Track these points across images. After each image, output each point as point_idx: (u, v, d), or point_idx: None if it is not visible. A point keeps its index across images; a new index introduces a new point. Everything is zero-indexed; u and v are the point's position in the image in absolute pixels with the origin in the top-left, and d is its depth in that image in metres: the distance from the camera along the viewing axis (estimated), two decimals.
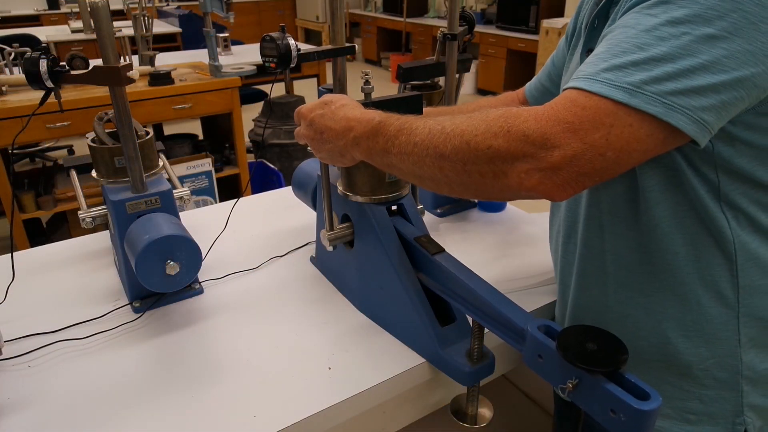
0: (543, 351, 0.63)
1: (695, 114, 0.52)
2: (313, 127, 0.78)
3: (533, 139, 0.54)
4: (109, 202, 0.94)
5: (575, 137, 0.53)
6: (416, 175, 0.67)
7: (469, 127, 0.59)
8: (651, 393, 0.55)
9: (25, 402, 0.77)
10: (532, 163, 0.55)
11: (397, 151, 0.66)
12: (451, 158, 0.60)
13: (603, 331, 0.62)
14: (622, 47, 0.55)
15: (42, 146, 4.11)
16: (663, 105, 0.52)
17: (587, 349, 0.59)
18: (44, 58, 0.84)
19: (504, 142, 0.56)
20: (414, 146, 0.64)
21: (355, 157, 0.74)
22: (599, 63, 0.56)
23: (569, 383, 0.59)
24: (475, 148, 0.58)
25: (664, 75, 0.52)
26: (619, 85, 0.53)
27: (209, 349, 0.88)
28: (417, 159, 0.64)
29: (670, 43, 0.53)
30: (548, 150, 0.54)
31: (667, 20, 0.53)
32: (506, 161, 0.56)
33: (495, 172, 0.57)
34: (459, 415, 0.79)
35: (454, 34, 1.22)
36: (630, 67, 0.53)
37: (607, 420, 0.57)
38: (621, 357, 0.58)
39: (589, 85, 0.54)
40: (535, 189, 0.56)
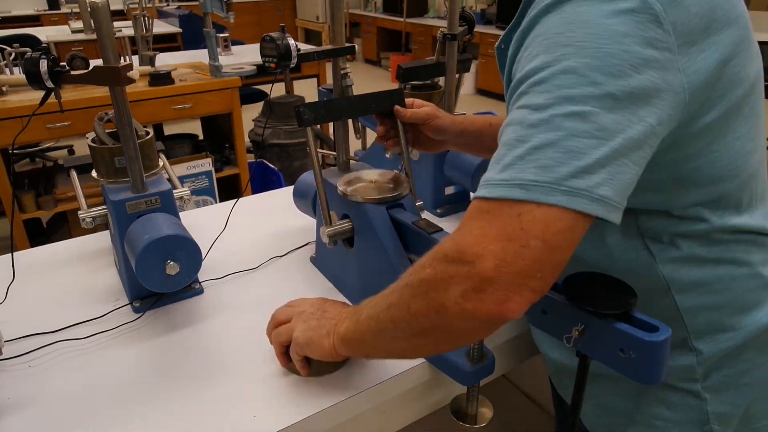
0: (547, 305, 0.62)
1: (592, 193, 0.51)
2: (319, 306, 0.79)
3: (452, 258, 0.53)
4: (109, 202, 0.94)
5: (489, 240, 0.51)
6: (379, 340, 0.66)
7: (411, 269, 0.60)
8: (659, 325, 0.55)
9: (25, 402, 0.77)
10: (461, 283, 0.52)
11: (364, 317, 0.67)
12: (397, 304, 0.60)
13: (607, 276, 0.61)
14: (507, 146, 0.55)
15: (42, 146, 4.11)
16: (562, 193, 0.51)
17: (594, 294, 0.59)
18: (44, 58, 0.84)
19: (429, 271, 0.55)
20: (373, 307, 0.65)
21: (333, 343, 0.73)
22: (493, 166, 0.56)
23: (575, 330, 0.59)
24: (411, 285, 0.58)
25: (550, 161, 0.51)
26: (513, 183, 0.52)
27: (209, 349, 0.88)
28: (375, 319, 0.64)
29: (543, 128, 0.53)
30: (470, 263, 0.52)
31: (533, 108, 0.54)
32: (438, 290, 0.54)
33: (435, 308, 0.55)
34: (459, 415, 0.79)
35: (454, 34, 1.22)
36: (517, 162, 0.53)
37: (616, 361, 0.56)
38: (630, 299, 0.57)
39: (487, 192, 0.54)
40: (480, 312, 0.52)
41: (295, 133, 3.25)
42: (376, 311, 0.64)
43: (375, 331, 0.64)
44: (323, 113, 0.91)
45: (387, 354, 0.71)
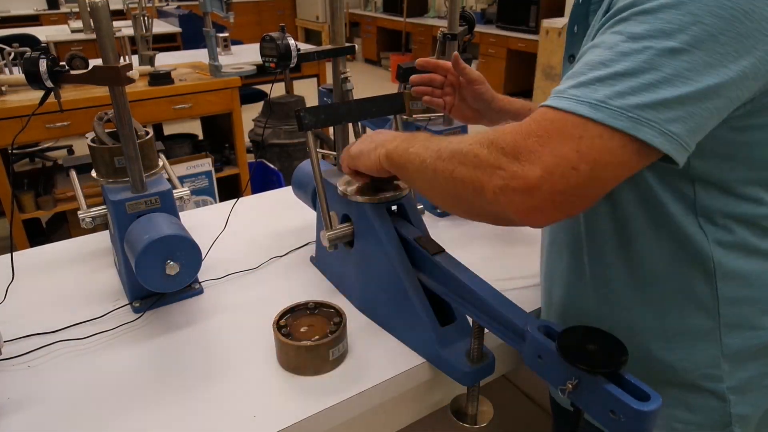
0: (543, 351, 0.63)
1: (662, 126, 0.52)
2: (381, 134, 0.83)
3: (507, 151, 0.56)
4: (109, 202, 0.94)
5: (545, 149, 0.53)
6: (417, 178, 0.71)
7: (469, 137, 0.62)
8: (651, 394, 0.55)
9: (25, 402, 0.77)
10: (505, 178, 0.55)
11: (413, 150, 0.70)
12: (446, 161, 0.63)
13: (603, 332, 0.62)
14: (589, 65, 0.56)
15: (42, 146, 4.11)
16: (629, 119, 0.52)
17: (587, 350, 0.59)
18: (44, 58, 0.84)
19: (486, 151, 0.58)
20: (425, 149, 0.68)
21: (379, 157, 0.78)
22: (567, 80, 0.57)
23: (569, 384, 0.59)
24: (465, 154, 0.60)
25: (627, 89, 0.52)
26: (583, 100, 0.53)
27: (209, 349, 0.88)
28: (421, 160, 0.68)
29: (632, 58, 0.53)
30: (520, 164, 0.54)
31: (629, 36, 0.54)
32: (485, 172, 0.57)
33: (474, 185, 0.59)
34: (459, 415, 0.79)
35: (454, 34, 1.22)
36: (595, 83, 0.54)
37: (607, 421, 0.57)
38: (621, 358, 0.58)
39: (556, 102, 0.55)
40: (509, 209, 0.56)
41: (295, 133, 3.24)
42: (424, 153, 0.68)
43: (417, 167, 0.69)
44: (323, 117, 0.92)
45: (417, 189, 0.75)
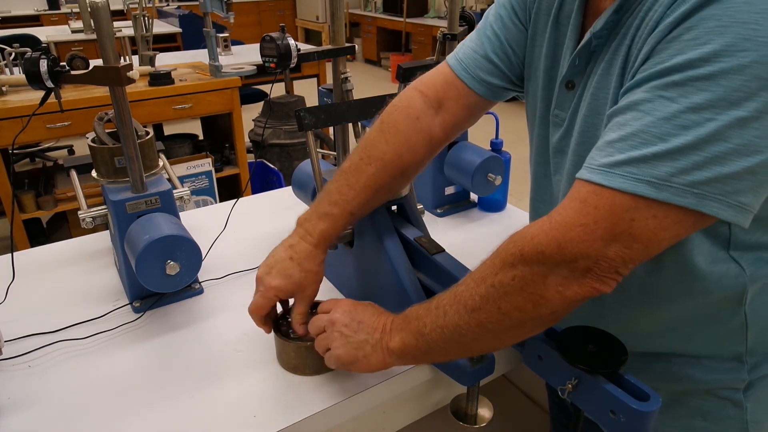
0: (543, 352, 0.63)
1: (732, 199, 0.49)
2: (351, 315, 0.72)
3: (550, 255, 0.53)
4: (109, 202, 0.94)
5: (594, 237, 0.51)
6: (459, 346, 0.64)
7: (488, 270, 0.58)
8: (651, 394, 0.55)
9: (25, 402, 0.77)
10: (563, 275, 0.53)
11: (430, 329, 0.63)
12: (484, 307, 0.58)
13: (603, 332, 0.62)
14: (641, 138, 0.51)
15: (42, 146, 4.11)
16: (694, 195, 0.49)
17: (587, 350, 0.59)
18: (44, 58, 0.84)
19: (525, 267, 0.54)
20: (445, 317, 0.62)
21: (385, 358, 0.69)
22: (614, 154, 0.52)
23: (569, 384, 0.59)
24: (502, 286, 0.56)
25: (691, 165, 0.49)
26: (642, 178, 0.50)
27: (209, 349, 0.88)
28: (453, 327, 0.61)
29: (695, 132, 0.49)
30: (572, 261, 0.52)
31: (687, 107, 0.49)
32: (536, 283, 0.54)
33: (533, 301, 0.55)
34: (459, 415, 0.79)
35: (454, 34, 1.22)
36: (653, 159, 0.50)
37: (607, 421, 0.57)
38: (621, 358, 0.58)
39: (607, 180, 0.51)
40: (578, 296, 0.54)
41: (295, 133, 3.24)
42: (449, 321, 0.61)
43: (452, 339, 0.62)
44: (323, 117, 0.92)
45: (461, 354, 0.69)
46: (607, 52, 0.62)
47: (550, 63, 0.73)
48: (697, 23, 0.49)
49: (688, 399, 0.72)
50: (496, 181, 1.21)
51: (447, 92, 0.82)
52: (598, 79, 0.64)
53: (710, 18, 0.49)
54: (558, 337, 0.62)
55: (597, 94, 0.64)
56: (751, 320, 0.67)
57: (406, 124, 0.81)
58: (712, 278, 0.64)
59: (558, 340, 0.61)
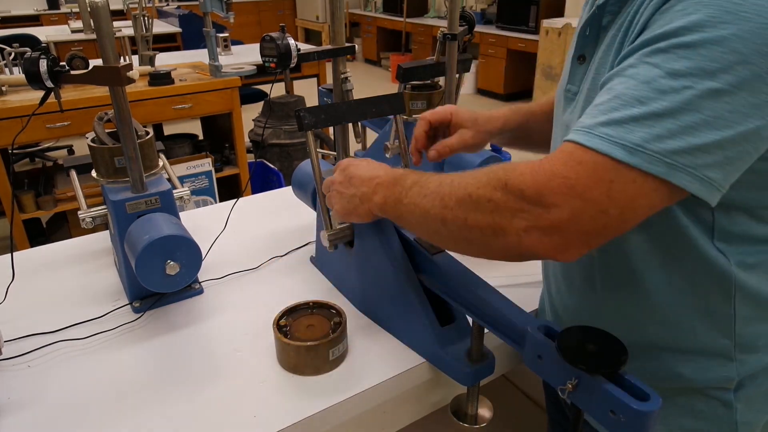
0: (543, 351, 0.63)
1: (699, 172, 0.50)
2: (345, 172, 0.79)
3: (529, 195, 0.53)
4: (109, 202, 0.94)
5: (573, 193, 0.51)
6: (422, 228, 0.67)
7: (473, 180, 0.59)
8: (651, 394, 0.55)
9: (25, 402, 0.77)
10: (530, 220, 0.54)
11: (408, 201, 0.66)
12: (454, 210, 0.60)
13: (603, 332, 0.61)
14: (622, 100, 0.52)
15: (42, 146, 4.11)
16: (665, 164, 0.50)
17: (587, 350, 0.59)
18: (44, 58, 0.84)
19: (502, 196, 0.55)
20: (423, 197, 0.64)
21: (371, 209, 0.75)
22: (597, 115, 0.53)
23: (569, 384, 0.59)
24: (477, 200, 0.57)
25: (665, 132, 0.50)
26: (618, 141, 0.51)
27: (209, 349, 0.88)
28: (423, 211, 0.64)
29: (671, 98, 0.50)
30: (546, 208, 0.52)
31: (667, 72, 0.50)
32: (504, 216, 0.55)
33: (494, 229, 0.56)
34: (459, 415, 0.79)
35: (454, 34, 1.22)
36: (630, 122, 0.51)
37: (607, 421, 0.57)
38: (621, 357, 0.58)
39: (587, 140, 0.52)
40: (536, 249, 0.55)
41: (295, 133, 3.24)
42: (423, 203, 0.64)
43: (418, 219, 0.66)
44: (323, 117, 0.92)
45: (420, 235, 0.74)
46: (614, 27, 0.63)
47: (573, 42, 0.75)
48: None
49: (678, 398, 0.72)
50: None
51: None
52: (601, 55, 0.65)
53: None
54: (558, 337, 0.62)
55: (599, 69, 0.65)
56: (739, 312, 0.67)
57: None
58: (697, 269, 0.65)
59: (558, 340, 0.61)
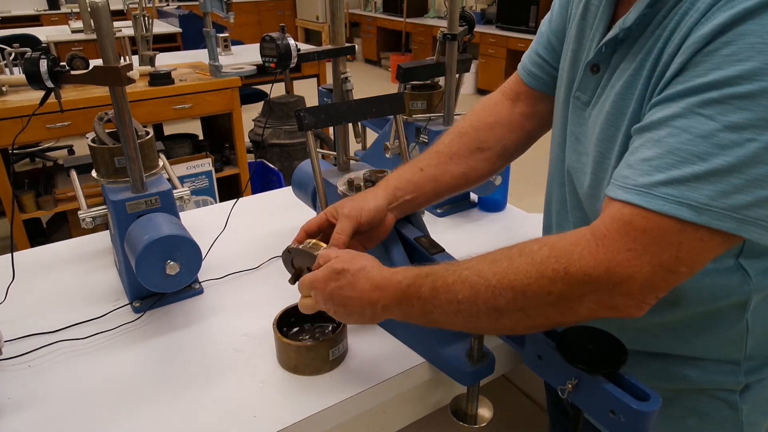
0: (543, 351, 0.63)
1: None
2: (333, 301, 0.68)
3: (597, 277, 0.51)
4: (109, 202, 0.94)
5: (642, 261, 0.50)
6: (469, 328, 0.64)
7: (518, 276, 0.55)
8: (651, 394, 0.55)
9: (25, 402, 0.77)
10: (601, 298, 0.52)
11: (441, 311, 0.61)
12: (510, 310, 0.57)
13: (603, 332, 0.62)
14: (679, 156, 0.50)
15: (42, 146, 4.11)
16: (735, 220, 0.49)
17: (587, 350, 0.59)
18: (44, 58, 0.84)
19: (565, 286, 0.53)
20: (459, 304, 0.59)
21: (379, 319, 0.68)
22: (652, 173, 0.51)
23: (569, 384, 0.59)
24: (534, 298, 0.54)
25: (732, 188, 0.48)
26: (683, 201, 0.49)
27: (209, 349, 0.88)
28: (468, 316, 0.60)
29: (734, 153, 0.48)
30: (616, 284, 0.51)
31: (726, 125, 0.48)
32: (572, 301, 0.53)
33: (562, 312, 0.55)
34: (459, 415, 0.79)
35: (454, 34, 1.22)
36: (692, 180, 0.49)
37: (607, 421, 0.57)
38: (621, 357, 0.58)
39: (647, 202, 0.50)
40: (609, 315, 0.54)
41: (295, 133, 3.24)
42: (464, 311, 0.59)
43: (462, 324, 0.61)
44: (323, 117, 0.92)
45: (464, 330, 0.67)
46: (637, 48, 0.60)
47: (576, 45, 0.73)
48: (736, 38, 0.48)
49: (683, 398, 0.72)
50: (496, 181, 1.21)
51: (519, 88, 0.89)
52: (627, 79, 0.62)
53: (750, 33, 0.47)
54: (558, 337, 0.62)
55: (624, 93, 0.62)
56: (753, 327, 0.67)
57: (482, 108, 0.91)
58: (717, 285, 0.64)
59: (558, 340, 0.61)
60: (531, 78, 0.86)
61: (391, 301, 0.64)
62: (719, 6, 0.50)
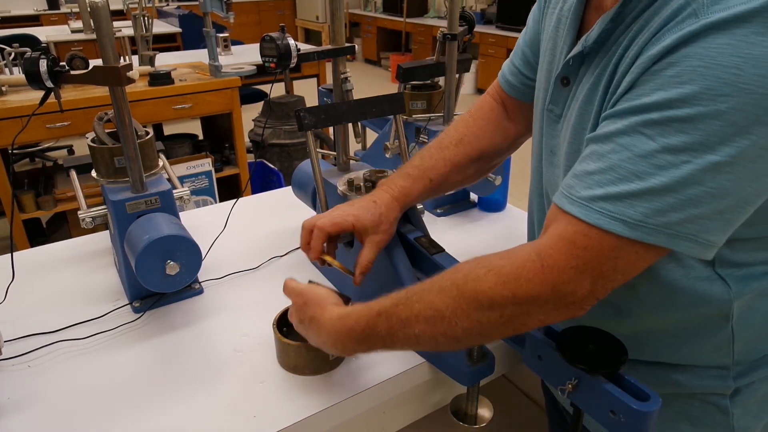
0: (543, 351, 0.63)
1: (701, 238, 0.51)
2: (305, 332, 0.74)
3: (544, 297, 0.55)
4: (109, 202, 0.94)
5: (584, 276, 0.54)
6: (430, 352, 0.73)
7: (470, 305, 0.58)
8: (651, 394, 0.55)
9: (25, 402, 0.77)
10: (549, 311, 0.56)
11: (402, 344, 0.64)
12: (467, 337, 0.60)
13: (602, 332, 0.62)
14: (618, 173, 0.52)
15: (42, 146, 4.11)
16: (666, 235, 0.51)
17: (587, 350, 0.59)
18: (44, 58, 0.84)
19: (515, 308, 0.56)
20: (418, 338, 0.62)
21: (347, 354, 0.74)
22: (594, 187, 0.53)
23: (569, 384, 0.59)
24: (488, 323, 0.58)
25: (666, 206, 0.50)
26: (618, 217, 0.52)
27: (209, 349, 0.88)
28: (429, 345, 0.63)
29: (670, 173, 0.50)
30: (562, 297, 0.55)
31: (664, 147, 0.50)
32: (522, 317, 0.57)
33: (515, 328, 0.59)
34: (459, 415, 0.79)
35: (454, 34, 1.22)
36: (629, 197, 0.51)
37: (607, 421, 0.57)
38: (621, 358, 0.58)
39: (585, 215, 0.53)
40: (558, 321, 0.58)
41: (295, 133, 3.24)
42: (424, 342, 0.62)
43: (422, 349, 0.68)
44: (323, 117, 0.92)
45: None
46: (597, 63, 0.62)
47: (550, 57, 0.74)
48: (680, 60, 0.49)
49: (674, 403, 0.72)
50: (496, 181, 1.21)
51: (501, 95, 0.91)
52: (587, 93, 0.63)
53: (693, 56, 0.48)
54: (558, 337, 0.62)
55: (584, 107, 0.64)
56: (738, 334, 0.67)
57: (481, 115, 0.91)
58: (695, 294, 0.64)
59: (558, 340, 0.61)
60: (509, 87, 0.88)
61: (349, 345, 0.68)
62: (669, 27, 0.51)
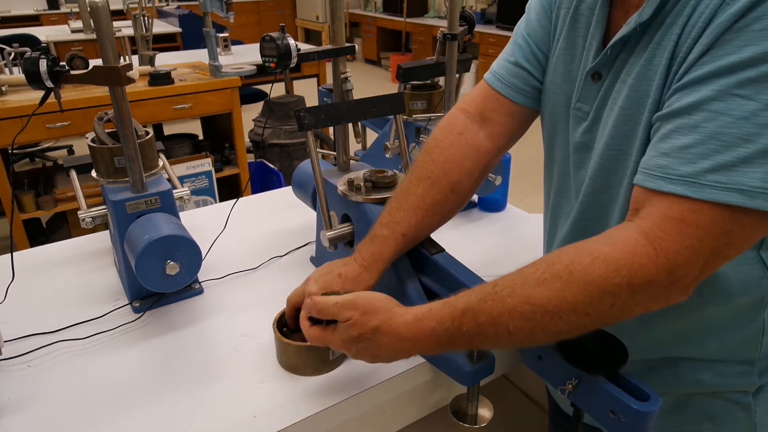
0: (543, 351, 0.63)
1: None
2: (362, 358, 0.67)
3: (660, 282, 0.51)
4: (109, 202, 0.94)
5: (699, 255, 0.50)
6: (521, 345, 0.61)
7: (579, 297, 0.52)
8: (651, 394, 0.55)
9: (25, 402, 0.77)
10: (658, 293, 0.52)
11: (490, 343, 0.59)
12: (571, 330, 0.55)
13: (603, 332, 0.62)
14: (721, 141, 0.48)
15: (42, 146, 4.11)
16: None
17: (587, 350, 0.59)
18: (44, 58, 0.84)
19: (628, 296, 0.52)
20: (511, 335, 0.56)
21: None
22: (696, 160, 0.49)
23: (569, 384, 0.59)
24: (596, 313, 0.53)
25: None
26: (735, 188, 0.47)
27: (209, 349, 0.88)
28: (522, 342, 0.57)
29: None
30: (676, 282, 0.51)
31: (767, 104, 0.47)
32: (631, 305, 0.53)
33: (618, 316, 0.54)
34: (459, 415, 0.79)
35: (454, 34, 1.22)
36: (740, 164, 0.47)
37: (607, 421, 0.57)
38: (621, 357, 0.58)
39: (696, 192, 0.49)
40: (661, 306, 0.54)
41: (295, 133, 3.24)
42: (516, 338, 0.56)
43: (515, 344, 0.58)
44: (323, 117, 0.92)
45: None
46: (646, 41, 0.59)
47: (569, 57, 0.71)
48: (767, 13, 0.46)
49: (694, 402, 0.71)
50: (496, 181, 1.21)
51: (487, 105, 0.82)
52: (639, 71, 0.59)
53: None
54: None
55: (637, 86, 0.60)
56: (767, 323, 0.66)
57: (449, 141, 0.82)
58: (735, 280, 0.63)
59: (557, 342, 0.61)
60: (511, 90, 0.80)
61: (428, 346, 0.62)
62: None
